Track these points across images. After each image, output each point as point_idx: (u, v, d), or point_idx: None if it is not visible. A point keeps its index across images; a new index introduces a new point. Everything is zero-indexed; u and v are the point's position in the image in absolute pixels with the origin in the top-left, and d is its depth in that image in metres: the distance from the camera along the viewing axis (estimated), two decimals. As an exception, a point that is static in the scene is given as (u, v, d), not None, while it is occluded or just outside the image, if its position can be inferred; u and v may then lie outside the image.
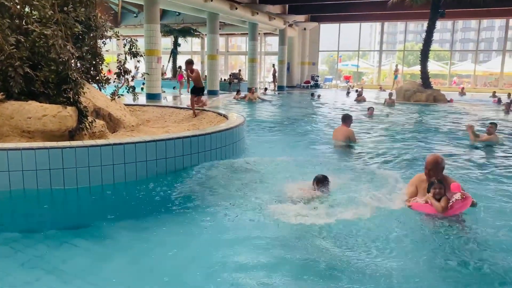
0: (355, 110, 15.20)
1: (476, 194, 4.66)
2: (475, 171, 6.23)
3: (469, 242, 3.64)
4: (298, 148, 7.97)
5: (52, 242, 3.50)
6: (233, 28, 29.28)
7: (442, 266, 3.23)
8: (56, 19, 5.69)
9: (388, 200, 4.47)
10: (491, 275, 3.12)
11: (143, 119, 8.41)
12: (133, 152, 4.99)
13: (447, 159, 6.88)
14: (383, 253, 3.40)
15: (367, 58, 45.93)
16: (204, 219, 4.09)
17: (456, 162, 6.82)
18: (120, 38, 7.58)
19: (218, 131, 6.14)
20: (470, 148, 8.11)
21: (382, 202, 4.38)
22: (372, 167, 6.33)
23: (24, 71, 5.37)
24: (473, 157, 7.30)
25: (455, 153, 7.67)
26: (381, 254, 3.38)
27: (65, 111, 5.43)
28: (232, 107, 15.61)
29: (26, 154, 4.46)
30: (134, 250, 3.44)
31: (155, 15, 16.56)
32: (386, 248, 3.49)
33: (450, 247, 3.53)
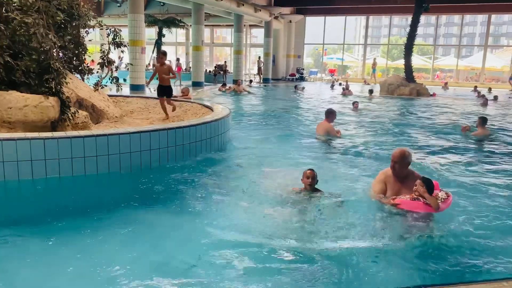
0: (341, 104, 15.31)
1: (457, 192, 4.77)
2: (458, 166, 6.33)
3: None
4: (282, 140, 8.00)
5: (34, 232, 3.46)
6: (218, 19, 29.04)
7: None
8: (37, 7, 5.56)
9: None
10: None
11: (127, 110, 8.32)
12: (117, 143, 4.94)
13: (429, 153, 7.05)
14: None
15: (352, 52, 46.15)
16: (189, 209, 4.10)
17: (441, 156, 6.93)
18: (103, 28, 7.46)
19: (203, 123, 6.12)
20: (456, 142, 8.26)
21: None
22: (350, 160, 6.42)
23: (4, 60, 5.25)
24: (459, 151, 7.44)
25: (440, 146, 7.81)
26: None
27: (47, 101, 5.33)
28: (217, 99, 15.54)
29: (6, 145, 4.38)
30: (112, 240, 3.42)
31: (139, 5, 16.32)
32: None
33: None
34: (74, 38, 6.58)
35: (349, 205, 4.27)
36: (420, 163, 6.04)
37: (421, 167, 5.75)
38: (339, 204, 4.26)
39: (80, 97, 6.53)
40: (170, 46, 36.46)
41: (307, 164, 6.00)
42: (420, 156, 6.67)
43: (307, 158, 6.41)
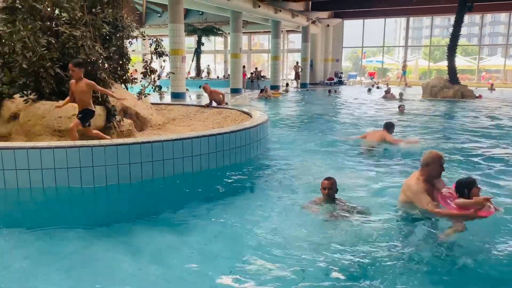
0: (383, 108, 15.00)
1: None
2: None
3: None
4: (322, 146, 7.90)
5: (85, 238, 3.61)
6: (256, 26, 29.28)
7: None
8: (85, 20, 5.84)
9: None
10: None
11: (169, 117, 8.53)
12: (161, 150, 5.08)
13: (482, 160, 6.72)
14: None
15: (392, 54, 45.12)
16: (233, 215, 4.14)
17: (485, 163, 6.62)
18: (145, 38, 7.72)
19: (242, 129, 6.17)
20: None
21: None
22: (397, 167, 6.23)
23: (55, 71, 5.54)
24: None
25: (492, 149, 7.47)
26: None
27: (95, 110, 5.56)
28: (256, 105, 15.64)
29: (58, 153, 4.60)
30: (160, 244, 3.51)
31: (179, 15, 16.72)
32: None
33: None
34: (119, 49, 6.84)
35: (375, 217, 3.98)
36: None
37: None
38: (362, 215, 4.03)
39: (124, 105, 6.76)
40: (208, 54, 37.15)
41: (345, 169, 5.96)
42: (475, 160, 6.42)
43: (347, 163, 6.33)
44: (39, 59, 5.47)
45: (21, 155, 4.54)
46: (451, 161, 6.36)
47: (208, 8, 21.67)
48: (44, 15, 5.88)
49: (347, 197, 4.49)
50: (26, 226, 3.83)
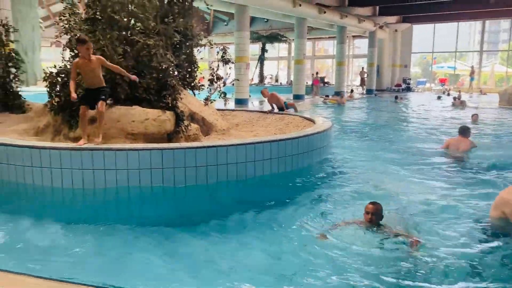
0: (455, 116, 14.26)
1: None
2: None
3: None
4: (387, 155, 7.67)
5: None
6: (320, 32, 29.12)
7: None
8: (157, 30, 6.16)
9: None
10: None
11: (233, 123, 8.73)
12: (225, 154, 5.22)
13: None
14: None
15: (465, 59, 42.74)
16: (291, 222, 4.16)
17: None
18: (212, 46, 7.98)
19: (304, 136, 6.17)
20: None
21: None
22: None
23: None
24: None
25: None
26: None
27: (164, 115, 5.85)
28: (320, 111, 15.52)
29: (131, 155, 4.89)
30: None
31: (245, 23, 17.07)
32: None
33: None
34: (188, 57, 7.13)
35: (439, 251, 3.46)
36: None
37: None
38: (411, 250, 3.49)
39: (192, 111, 7.03)
40: (272, 61, 37.48)
41: (412, 181, 5.73)
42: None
43: (414, 174, 6.09)
44: (116, 67, 5.85)
45: (122, 156, 4.90)
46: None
47: (274, 15, 21.90)
48: (121, 25, 6.29)
49: (412, 217, 4.22)
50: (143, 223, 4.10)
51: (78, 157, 4.88)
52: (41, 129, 6.62)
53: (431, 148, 8.20)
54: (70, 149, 4.95)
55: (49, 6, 31.31)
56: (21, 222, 4.05)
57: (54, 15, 30.50)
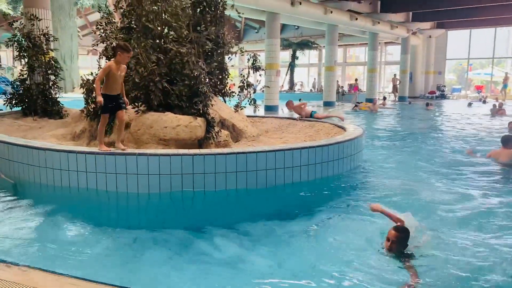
0: (492, 125, 13.79)
1: None
2: None
3: None
4: (419, 164, 7.49)
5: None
6: (352, 38, 28.91)
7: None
8: (190, 38, 6.29)
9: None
10: None
11: (263, 129, 8.75)
12: (255, 161, 5.25)
13: None
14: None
15: (503, 66, 41.27)
16: (311, 228, 4.13)
17: None
18: (243, 54, 8.07)
19: (334, 143, 6.12)
20: None
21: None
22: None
23: (162, 85, 6.03)
24: None
25: None
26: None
27: (196, 121, 5.95)
28: (352, 118, 15.36)
29: (163, 160, 5.00)
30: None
31: (276, 30, 17.16)
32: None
33: None
34: (219, 64, 7.23)
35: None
36: None
37: None
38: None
39: (222, 117, 7.11)
40: (302, 68, 37.41)
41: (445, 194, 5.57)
42: None
43: (450, 187, 5.92)
44: (149, 74, 6.01)
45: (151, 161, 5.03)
46: None
47: (304, 22, 21.90)
48: (155, 34, 6.46)
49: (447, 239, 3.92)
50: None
51: (112, 161, 5.02)
52: (78, 134, 6.86)
53: (467, 157, 7.97)
54: (104, 154, 5.10)
55: (87, 16, 32.48)
56: (56, 221, 4.21)
57: (91, 24, 31.61)
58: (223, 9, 7.38)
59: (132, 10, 6.45)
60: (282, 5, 16.00)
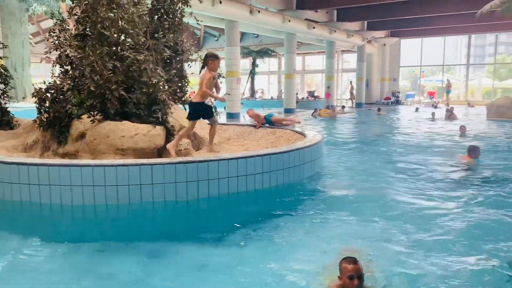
0: (444, 128, 14.40)
1: None
2: None
3: None
4: (379, 168, 7.69)
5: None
6: (310, 47, 29.47)
7: None
8: (148, 45, 6.17)
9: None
10: None
11: (224, 137, 8.70)
12: (216, 169, 5.19)
13: None
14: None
15: (453, 73, 43.40)
16: (278, 236, 4.12)
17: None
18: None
19: (295, 149, 6.17)
20: None
21: None
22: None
23: (119, 93, 5.87)
24: None
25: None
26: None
27: (155, 130, 5.82)
28: (310, 125, 15.58)
29: (120, 170, 4.84)
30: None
31: (236, 38, 17.22)
32: None
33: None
34: (178, 72, 7.14)
35: None
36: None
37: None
38: None
39: (183, 126, 6.99)
40: (263, 75, 37.71)
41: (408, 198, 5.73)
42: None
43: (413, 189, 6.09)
44: (106, 82, 5.83)
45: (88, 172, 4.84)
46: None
47: (264, 31, 22.12)
48: (111, 41, 6.28)
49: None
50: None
51: (67, 172, 4.81)
52: (30, 145, 6.54)
53: (423, 159, 8.28)
54: (58, 165, 4.89)
55: (39, 22, 31.32)
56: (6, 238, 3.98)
57: (44, 31, 30.50)
58: (181, 16, 7.30)
59: (87, 16, 6.25)
60: (241, 13, 16.09)
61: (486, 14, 18.75)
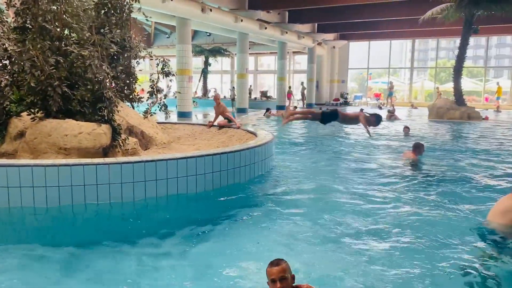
0: (386, 129, 14.98)
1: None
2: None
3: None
4: (328, 166, 7.86)
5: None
6: (262, 47, 29.64)
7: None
8: (93, 40, 5.93)
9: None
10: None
11: (175, 136, 8.56)
12: (165, 169, 5.08)
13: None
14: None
15: (398, 76, 45.33)
16: (224, 238, 4.10)
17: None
18: (153, 58, 7.82)
19: (246, 148, 6.18)
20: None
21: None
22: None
23: (62, 90, 5.61)
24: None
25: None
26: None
27: (100, 128, 5.61)
28: (262, 125, 15.67)
29: (62, 170, 4.61)
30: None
31: (187, 36, 16.98)
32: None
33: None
34: (126, 69, 6.93)
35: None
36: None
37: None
38: None
39: (130, 124, 6.81)
40: (215, 74, 37.50)
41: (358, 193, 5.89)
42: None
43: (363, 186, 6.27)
44: (47, 78, 5.55)
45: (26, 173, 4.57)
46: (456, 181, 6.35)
47: (216, 29, 21.98)
48: (53, 35, 5.99)
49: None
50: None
51: (3, 173, 4.52)
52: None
53: (368, 156, 8.58)
54: (-7, 165, 4.59)
55: (-24, 14, 29.31)
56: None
57: (-19, 23, 28.58)
58: (129, 12, 7.09)
59: (27, 8, 5.91)
60: (193, 11, 15.89)
61: (428, 20, 19.78)
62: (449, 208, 5.05)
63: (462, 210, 4.95)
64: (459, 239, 4.03)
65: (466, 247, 3.83)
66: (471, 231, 4.21)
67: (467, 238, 4.04)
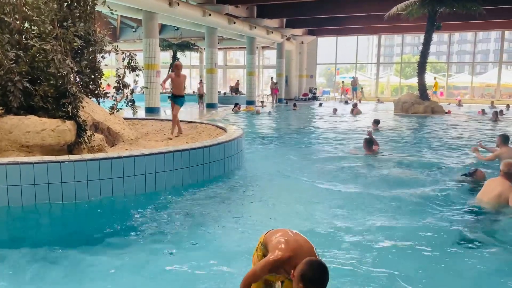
0: (350, 122, 15.26)
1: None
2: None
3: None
4: (297, 160, 7.94)
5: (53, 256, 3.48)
6: (231, 42, 29.48)
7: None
8: (55, 34, 5.73)
9: None
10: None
11: (142, 132, 8.42)
12: (132, 165, 4.99)
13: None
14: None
15: (365, 71, 46.20)
16: (197, 234, 4.08)
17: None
18: (119, 53, 7.63)
19: (216, 144, 6.14)
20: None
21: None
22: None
23: (23, 85, 5.39)
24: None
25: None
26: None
27: (64, 125, 5.44)
28: (231, 120, 15.64)
29: (24, 169, 4.45)
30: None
31: (154, 30, 16.68)
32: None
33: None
34: (91, 63, 6.74)
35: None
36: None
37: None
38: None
39: (96, 120, 6.64)
40: (184, 69, 37.08)
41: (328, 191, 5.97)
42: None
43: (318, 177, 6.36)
44: (7, 73, 5.33)
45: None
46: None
47: (183, 23, 21.68)
48: (13, 28, 5.76)
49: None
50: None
51: (-40, 173, 4.33)
52: None
53: (339, 151, 8.79)
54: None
55: None
56: None
57: None
58: (94, 5, 6.88)
59: (-17, 0, 5.65)
60: (159, 5, 15.61)
61: (393, 17, 20.22)
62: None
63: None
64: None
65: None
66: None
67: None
